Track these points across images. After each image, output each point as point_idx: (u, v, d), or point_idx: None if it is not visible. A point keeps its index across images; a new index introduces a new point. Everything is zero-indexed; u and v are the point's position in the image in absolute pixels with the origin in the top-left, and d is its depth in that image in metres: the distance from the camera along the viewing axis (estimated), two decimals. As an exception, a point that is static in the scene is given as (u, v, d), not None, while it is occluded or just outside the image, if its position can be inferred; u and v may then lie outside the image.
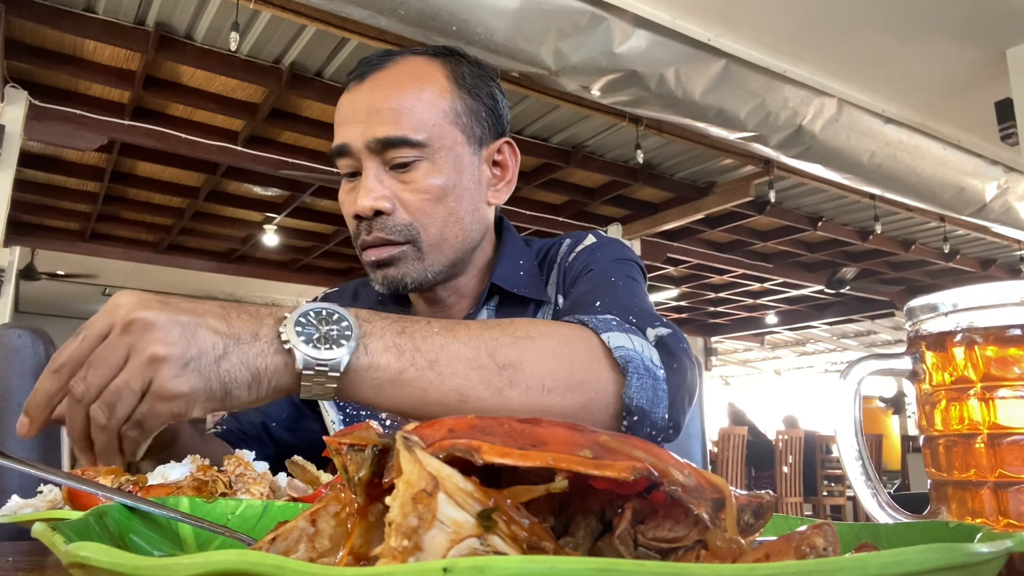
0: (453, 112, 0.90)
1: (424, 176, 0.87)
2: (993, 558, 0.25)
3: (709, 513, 0.30)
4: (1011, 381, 0.47)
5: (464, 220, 0.91)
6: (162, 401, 0.52)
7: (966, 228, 6.01)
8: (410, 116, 0.86)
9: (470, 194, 0.92)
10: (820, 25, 3.49)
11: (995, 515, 0.47)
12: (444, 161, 0.88)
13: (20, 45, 3.92)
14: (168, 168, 5.55)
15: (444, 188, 0.88)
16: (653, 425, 0.70)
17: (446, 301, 0.99)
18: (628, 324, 0.74)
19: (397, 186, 0.87)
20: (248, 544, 0.43)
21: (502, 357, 0.63)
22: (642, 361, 0.70)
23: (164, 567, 0.23)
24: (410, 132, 0.86)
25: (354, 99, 0.90)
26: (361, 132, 0.87)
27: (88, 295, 10.38)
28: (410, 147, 0.86)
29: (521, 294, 0.96)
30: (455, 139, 0.89)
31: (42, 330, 1.29)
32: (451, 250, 0.91)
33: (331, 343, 0.57)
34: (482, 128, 0.93)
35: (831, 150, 4.04)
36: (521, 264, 1.00)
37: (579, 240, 1.02)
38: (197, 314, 0.55)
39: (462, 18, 2.90)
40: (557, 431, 0.31)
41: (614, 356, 0.69)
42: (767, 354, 13.44)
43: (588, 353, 0.69)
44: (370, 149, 0.86)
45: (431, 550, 0.25)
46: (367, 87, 0.89)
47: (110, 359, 0.52)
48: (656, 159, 5.44)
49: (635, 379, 0.69)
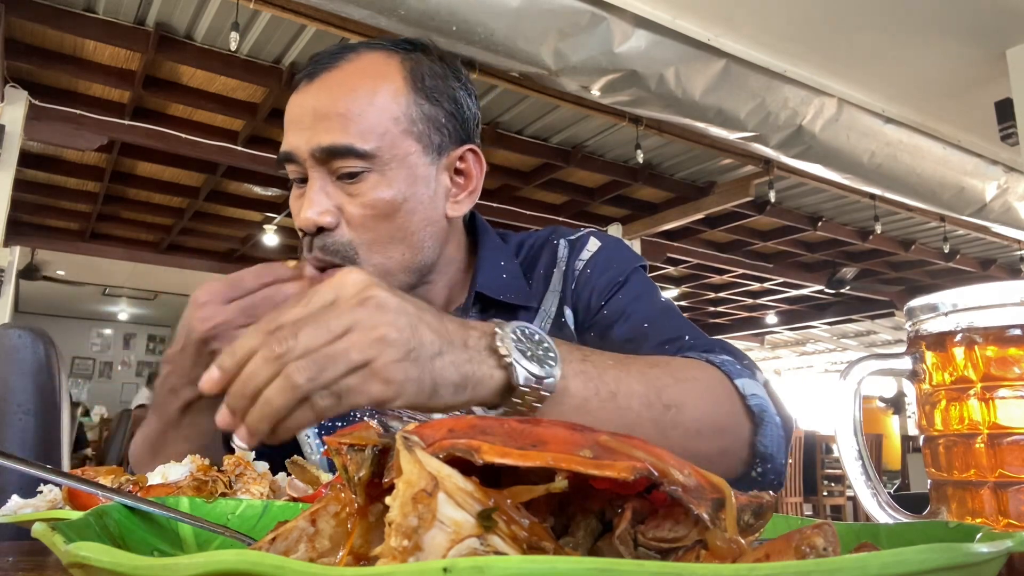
0: (407, 119, 0.82)
1: (372, 189, 0.80)
2: (993, 558, 0.25)
3: (709, 513, 0.30)
4: (1011, 381, 0.47)
5: (414, 236, 0.84)
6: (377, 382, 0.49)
7: (966, 228, 6.01)
8: (359, 123, 0.80)
9: (424, 207, 0.84)
10: (820, 25, 3.49)
11: (995, 515, 0.47)
12: (395, 173, 0.81)
13: (20, 45, 3.92)
14: (168, 168, 5.55)
15: (392, 203, 0.81)
16: (777, 472, 0.72)
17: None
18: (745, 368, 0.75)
19: (343, 198, 0.81)
20: (248, 544, 0.43)
21: (667, 397, 0.63)
22: (771, 410, 0.72)
23: (164, 567, 0.23)
24: (357, 141, 0.79)
25: (301, 101, 0.83)
26: (307, 139, 0.80)
27: (88, 295, 10.38)
28: (357, 157, 0.79)
29: (508, 301, 0.91)
30: (408, 148, 0.82)
31: (42, 330, 1.29)
32: (398, 270, 0.85)
33: (541, 362, 0.56)
34: (441, 135, 0.86)
35: (831, 150, 4.04)
36: (502, 266, 0.94)
37: (581, 245, 0.97)
38: (418, 308, 0.54)
39: (462, 18, 2.90)
40: (557, 431, 0.31)
41: (748, 404, 0.70)
42: (767, 354, 13.43)
43: (728, 398, 0.70)
44: (315, 158, 0.80)
45: (431, 550, 0.25)
46: (315, 88, 0.82)
47: (332, 325, 0.49)
48: (656, 159, 5.44)
49: (768, 428, 0.71)
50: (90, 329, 12.13)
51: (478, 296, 0.91)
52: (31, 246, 7.11)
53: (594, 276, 0.93)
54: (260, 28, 3.80)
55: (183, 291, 9.88)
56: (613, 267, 0.93)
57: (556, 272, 0.95)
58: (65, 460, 1.31)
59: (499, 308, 0.92)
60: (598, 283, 0.92)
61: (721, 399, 0.69)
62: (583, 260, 0.95)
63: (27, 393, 1.22)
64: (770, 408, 0.72)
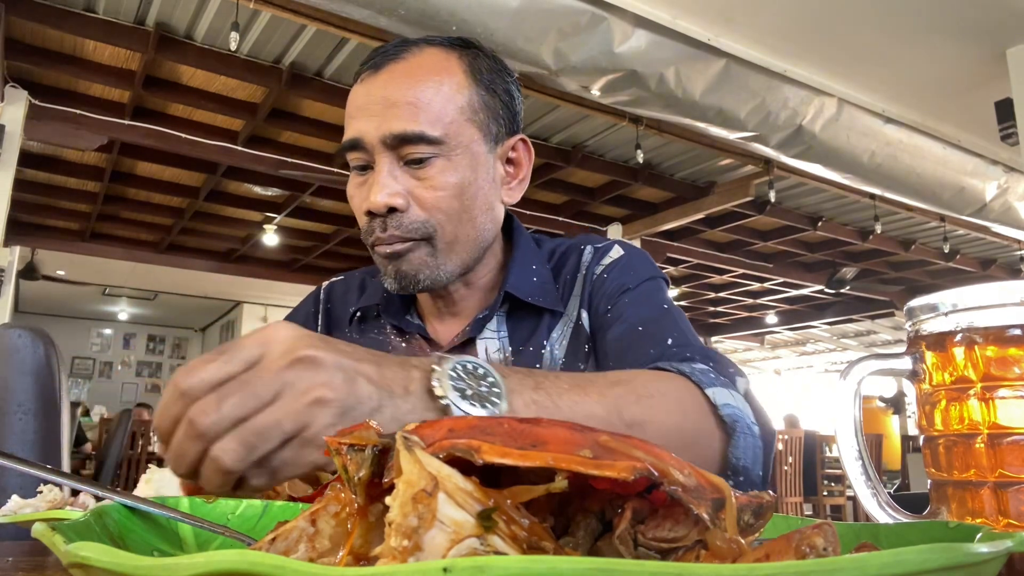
0: (470, 108, 0.87)
1: (440, 173, 0.84)
2: (993, 558, 0.25)
3: (709, 513, 0.30)
4: (1011, 381, 0.47)
5: (478, 219, 0.88)
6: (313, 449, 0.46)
7: (966, 228, 6.02)
8: (427, 111, 0.83)
9: (484, 192, 0.89)
10: (820, 25, 3.49)
11: (995, 515, 0.47)
12: (460, 158, 0.85)
13: (20, 45, 3.93)
14: (168, 168, 5.55)
15: (460, 186, 0.85)
16: (752, 484, 0.71)
17: (456, 300, 0.96)
18: (721, 375, 0.74)
19: (411, 182, 0.85)
20: (248, 544, 0.43)
21: (629, 416, 0.63)
22: (745, 420, 0.71)
23: (164, 567, 0.23)
24: (427, 128, 0.83)
25: (368, 90, 0.86)
26: (376, 126, 0.83)
27: (88, 295, 10.38)
28: (427, 143, 0.83)
29: (535, 304, 0.93)
30: (471, 136, 0.86)
31: (42, 330, 1.29)
32: (464, 250, 0.89)
33: (483, 400, 0.55)
34: (498, 125, 0.90)
35: (831, 150, 4.04)
36: (534, 269, 0.97)
37: (604, 251, 0.98)
38: (354, 359, 0.50)
39: (462, 18, 2.90)
40: (557, 431, 0.31)
41: (720, 413, 0.69)
42: (767, 354, 13.44)
43: (697, 410, 0.69)
44: (385, 144, 0.83)
45: (431, 550, 0.25)
46: (383, 78, 0.85)
47: (260, 391, 0.45)
48: (656, 159, 5.44)
49: (741, 439, 0.69)
50: (90, 329, 12.14)
51: (507, 296, 0.93)
52: (31, 246, 7.11)
53: (608, 281, 0.94)
54: (260, 28, 3.80)
55: (183, 291, 9.89)
56: (628, 274, 0.94)
57: (579, 277, 0.97)
58: (65, 460, 1.31)
59: (527, 310, 0.94)
60: (610, 287, 0.93)
61: (688, 411, 0.68)
62: (603, 265, 0.96)
63: (27, 393, 1.22)
64: (744, 418, 0.70)
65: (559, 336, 0.93)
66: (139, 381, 12.43)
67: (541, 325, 0.94)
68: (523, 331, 0.94)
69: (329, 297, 1.10)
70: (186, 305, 10.89)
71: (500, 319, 0.95)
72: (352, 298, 1.07)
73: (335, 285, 1.12)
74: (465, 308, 0.97)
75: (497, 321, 0.94)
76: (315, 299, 1.11)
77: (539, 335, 0.93)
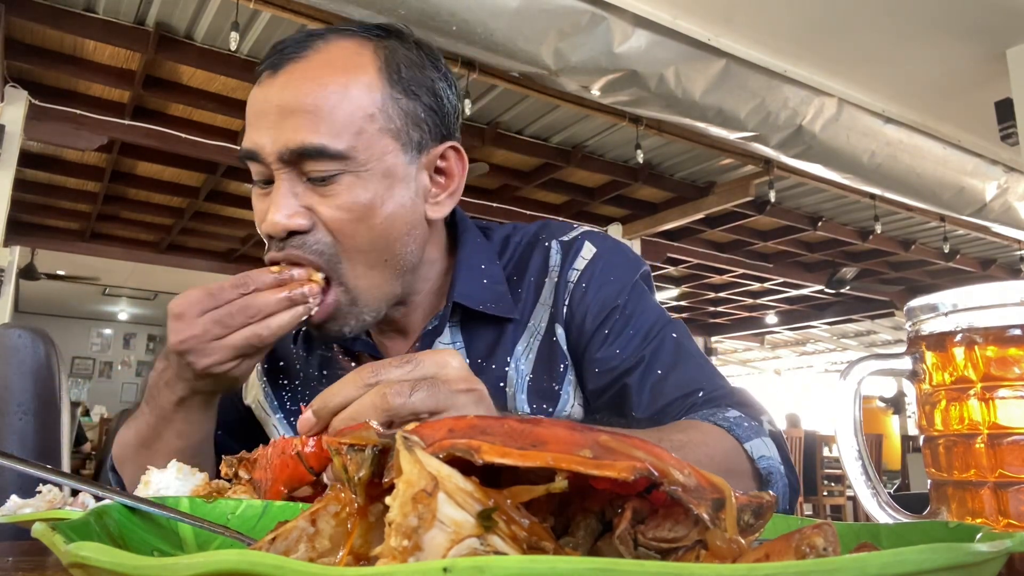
0: (384, 115, 0.75)
1: (347, 191, 0.74)
2: (993, 558, 0.25)
3: (709, 513, 0.30)
4: (1011, 381, 0.47)
5: (397, 242, 0.78)
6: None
7: (966, 228, 6.01)
8: (330, 120, 0.72)
9: (404, 211, 0.78)
10: (820, 25, 3.49)
11: (995, 515, 0.47)
12: (371, 174, 0.74)
13: (20, 45, 3.93)
14: (168, 168, 5.55)
15: (370, 206, 0.74)
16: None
17: (398, 319, 0.88)
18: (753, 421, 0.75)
19: (315, 200, 0.74)
20: (248, 544, 0.43)
21: None
22: (778, 469, 0.73)
23: (164, 567, 0.23)
24: (329, 140, 0.72)
25: (266, 95, 0.75)
26: (273, 138, 0.73)
27: (88, 295, 10.38)
28: (330, 158, 0.72)
29: (488, 312, 0.84)
30: (385, 147, 0.75)
31: (42, 330, 1.29)
32: (384, 282, 0.78)
33: None
34: (420, 132, 0.79)
35: (831, 150, 4.05)
36: (483, 269, 0.87)
37: (575, 251, 0.88)
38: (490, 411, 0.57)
39: (462, 18, 2.90)
40: (557, 431, 0.31)
41: (757, 466, 0.71)
42: (767, 354, 13.44)
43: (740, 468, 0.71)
44: (283, 159, 0.73)
45: (431, 550, 0.25)
46: (280, 81, 0.75)
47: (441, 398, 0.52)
48: (656, 159, 5.44)
49: (775, 489, 0.72)
50: (90, 329, 12.13)
51: (456, 306, 0.84)
52: (31, 246, 7.10)
53: (589, 293, 0.85)
54: (260, 28, 3.80)
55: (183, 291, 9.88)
56: (610, 282, 0.86)
57: (548, 283, 0.88)
58: (65, 460, 1.31)
59: (479, 320, 0.85)
60: (593, 301, 0.85)
61: (733, 469, 0.70)
62: (577, 270, 0.87)
63: (27, 393, 1.22)
64: (777, 468, 0.73)
65: (524, 350, 0.86)
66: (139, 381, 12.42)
67: (503, 337, 0.85)
68: (482, 343, 0.86)
69: None
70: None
71: (454, 330, 0.86)
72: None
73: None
74: (411, 323, 0.89)
75: (451, 332, 0.86)
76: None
77: (502, 349, 0.85)
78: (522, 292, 0.88)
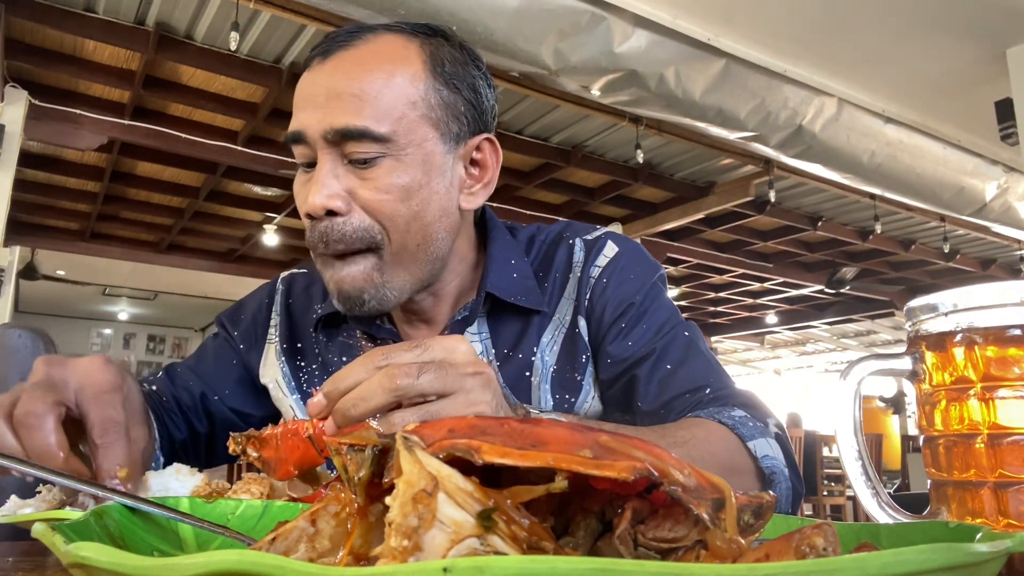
0: (425, 104, 0.79)
1: (387, 174, 0.77)
2: (993, 558, 0.25)
3: (709, 513, 0.30)
4: (1011, 381, 0.47)
5: (431, 228, 0.81)
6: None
7: (966, 228, 6.01)
8: (375, 105, 0.76)
9: (439, 198, 0.81)
10: (820, 25, 3.49)
11: (995, 515, 0.47)
12: (411, 159, 0.78)
13: (20, 45, 3.92)
14: (168, 168, 5.55)
15: (408, 189, 0.78)
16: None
17: (425, 310, 0.91)
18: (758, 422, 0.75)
19: (355, 183, 0.78)
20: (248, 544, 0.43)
21: None
22: (782, 469, 0.73)
23: (164, 567, 0.23)
24: (373, 123, 0.76)
25: (314, 79, 0.79)
26: (319, 119, 0.77)
27: (88, 295, 10.38)
28: (372, 140, 0.76)
29: (519, 304, 0.88)
30: (425, 135, 0.79)
31: (42, 330, 1.29)
32: (415, 263, 0.81)
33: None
34: (459, 124, 0.82)
35: (831, 150, 4.04)
36: (513, 264, 0.91)
37: (598, 249, 0.93)
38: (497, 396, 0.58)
39: (462, 18, 2.90)
40: (557, 431, 0.31)
41: (760, 465, 0.72)
42: (767, 354, 13.44)
43: (743, 466, 0.71)
44: (327, 140, 0.77)
45: (431, 550, 0.25)
46: (329, 67, 0.79)
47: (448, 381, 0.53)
48: (656, 159, 5.44)
49: (777, 488, 0.72)
50: (90, 329, 12.13)
51: (487, 296, 0.88)
52: (31, 246, 7.10)
53: (609, 288, 0.89)
54: (260, 28, 3.80)
55: (183, 291, 9.89)
56: (630, 279, 0.90)
57: (572, 278, 0.92)
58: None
59: (510, 310, 0.89)
60: (612, 296, 0.89)
61: (736, 468, 0.70)
62: (599, 267, 0.91)
63: (27, 393, 1.22)
64: (780, 468, 0.73)
65: (549, 341, 0.90)
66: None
67: (529, 329, 0.89)
68: (508, 334, 0.90)
69: (289, 290, 1.04)
70: (186, 305, 10.89)
71: (481, 320, 0.90)
72: (316, 294, 1.01)
73: (296, 277, 1.05)
74: (437, 316, 0.92)
75: (478, 323, 0.90)
76: (271, 290, 1.05)
77: (528, 340, 0.89)
78: (548, 286, 0.92)
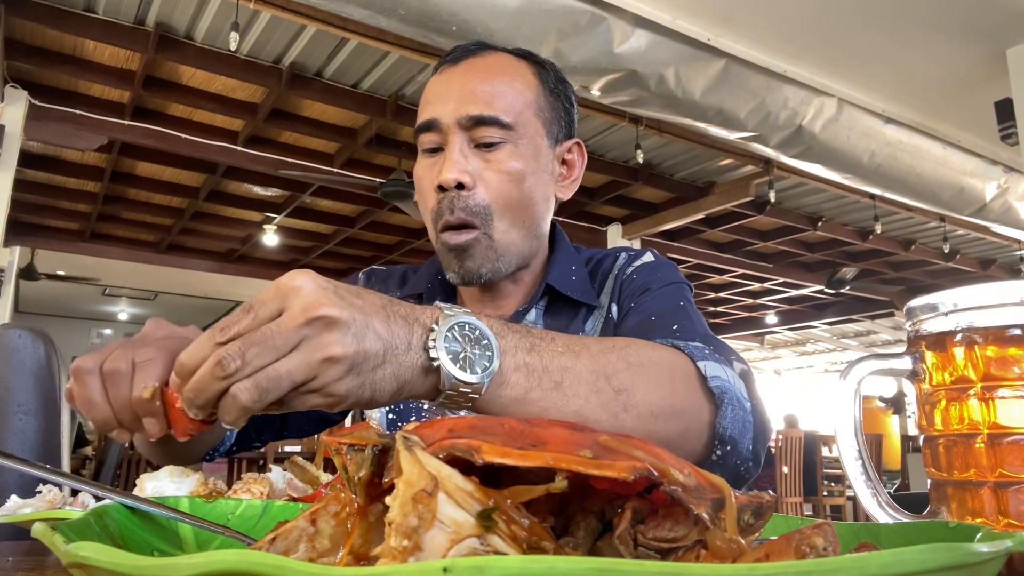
0: (537, 105, 0.96)
1: (507, 158, 0.92)
2: (993, 558, 0.25)
3: (709, 513, 0.30)
4: (1011, 381, 0.47)
5: (535, 207, 0.96)
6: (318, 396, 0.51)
7: (966, 228, 6.01)
8: (502, 100, 0.92)
9: (543, 183, 0.96)
10: (820, 25, 3.49)
11: (995, 515, 0.47)
12: (526, 147, 0.93)
13: (20, 45, 3.93)
14: (168, 168, 5.55)
15: (523, 173, 0.92)
16: (740, 456, 0.72)
17: (504, 295, 1.02)
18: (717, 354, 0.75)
19: (479, 164, 0.92)
20: (248, 544, 0.43)
21: (617, 382, 0.64)
22: (735, 392, 0.72)
23: (164, 567, 0.23)
24: (501, 113, 0.91)
25: (448, 79, 0.95)
26: (453, 109, 0.91)
27: (88, 295, 10.38)
28: (499, 127, 0.91)
29: (574, 297, 1.00)
30: (537, 129, 0.95)
31: (42, 330, 1.29)
32: (521, 239, 0.95)
33: (474, 365, 0.56)
34: (559, 126, 0.99)
35: (831, 150, 4.04)
36: (573, 269, 1.04)
37: (638, 256, 1.06)
38: (365, 313, 0.53)
39: (462, 18, 2.90)
40: (557, 431, 0.31)
41: (709, 385, 0.70)
42: (767, 354, 13.44)
43: (687, 380, 0.70)
44: (460, 125, 0.91)
45: (431, 550, 0.25)
46: (461, 70, 0.95)
47: (279, 344, 0.49)
48: (656, 159, 5.44)
49: (729, 410, 0.70)
50: (90, 329, 12.13)
51: (546, 289, 1.00)
52: (31, 246, 7.10)
53: (636, 280, 1.01)
54: (260, 28, 3.80)
55: (183, 291, 9.89)
56: (654, 275, 1.00)
57: (611, 277, 1.05)
58: (65, 460, 1.31)
59: (564, 303, 1.01)
60: (636, 285, 1.00)
61: (678, 380, 0.69)
62: (634, 266, 1.03)
63: (27, 393, 1.22)
64: (733, 391, 0.71)
65: (591, 328, 1.00)
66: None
67: (576, 318, 1.01)
68: (558, 323, 1.00)
69: (368, 281, 1.16)
70: (186, 305, 10.89)
71: (538, 312, 1.01)
72: (392, 288, 1.11)
73: (375, 271, 1.17)
74: (508, 303, 1.03)
75: (535, 314, 1.01)
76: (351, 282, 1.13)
77: (574, 327, 1.00)
78: (595, 287, 1.05)
